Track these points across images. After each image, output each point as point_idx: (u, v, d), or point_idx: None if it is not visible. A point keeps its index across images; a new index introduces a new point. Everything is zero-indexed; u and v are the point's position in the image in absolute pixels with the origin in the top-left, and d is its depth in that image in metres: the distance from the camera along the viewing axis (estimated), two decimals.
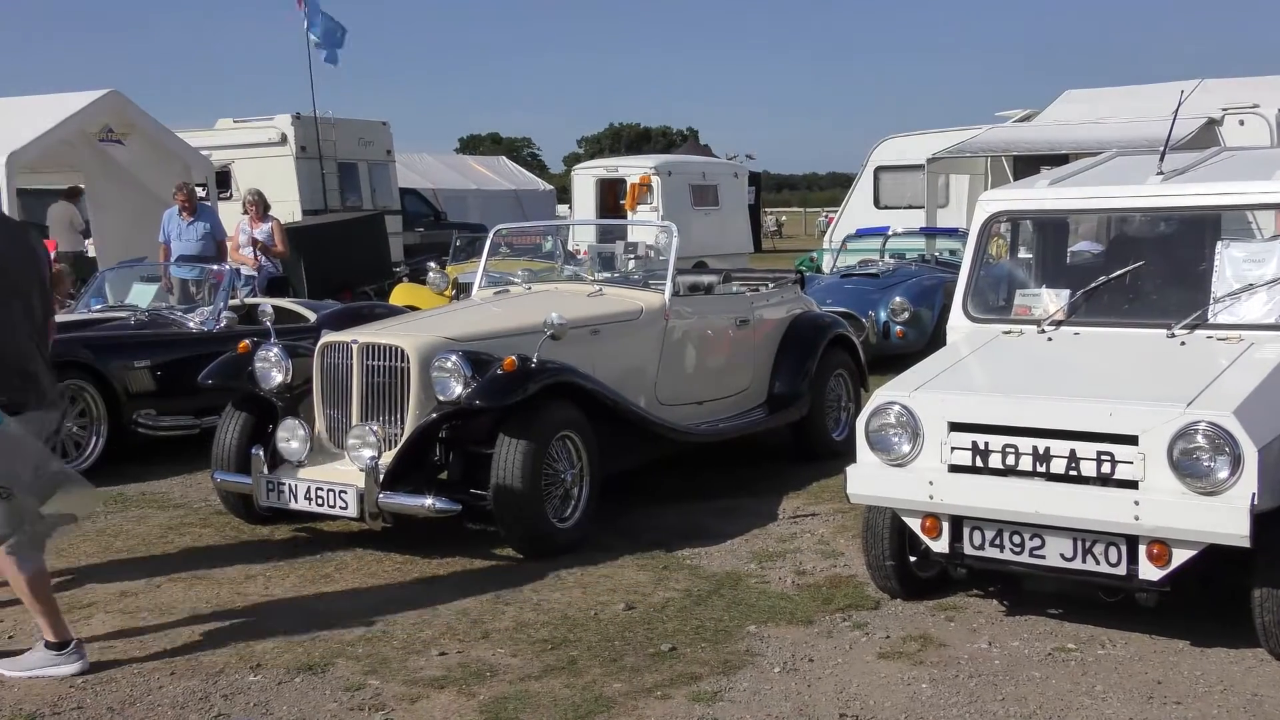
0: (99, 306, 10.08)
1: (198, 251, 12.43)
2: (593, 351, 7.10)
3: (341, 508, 6.26)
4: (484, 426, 6.44)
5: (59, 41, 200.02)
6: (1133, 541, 4.75)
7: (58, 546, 6.68)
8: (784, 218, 44.28)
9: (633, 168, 22.76)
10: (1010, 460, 4.95)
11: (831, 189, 67.62)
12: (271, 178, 18.54)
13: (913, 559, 5.55)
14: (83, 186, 16.59)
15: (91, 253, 16.40)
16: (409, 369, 6.44)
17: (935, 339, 10.91)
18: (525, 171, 38.12)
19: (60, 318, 9.86)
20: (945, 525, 5.13)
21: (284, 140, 20.67)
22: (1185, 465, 4.61)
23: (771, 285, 9.00)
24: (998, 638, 5.12)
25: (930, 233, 16.63)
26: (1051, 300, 5.95)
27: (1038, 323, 5.88)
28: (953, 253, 14.94)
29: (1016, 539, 4.99)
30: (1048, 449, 4.87)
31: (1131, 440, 4.72)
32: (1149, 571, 4.73)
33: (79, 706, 4.58)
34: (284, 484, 6.45)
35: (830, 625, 5.33)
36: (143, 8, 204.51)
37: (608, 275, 8.80)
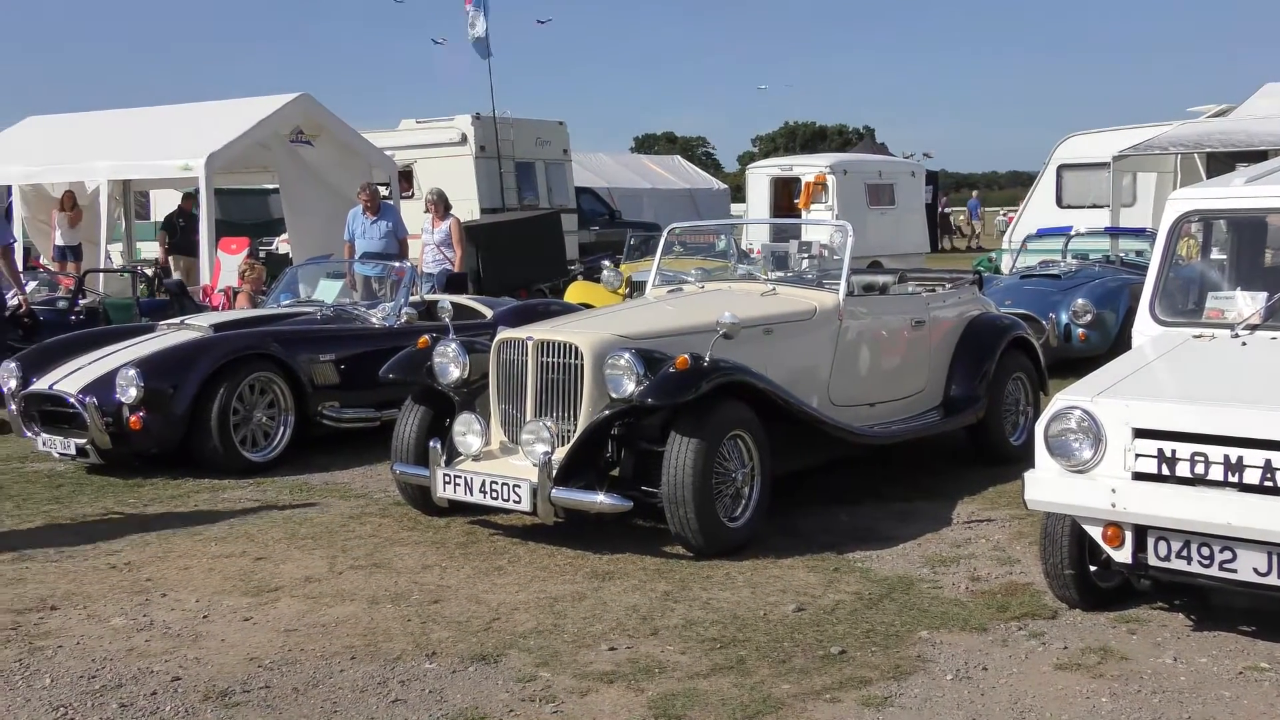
0: (288, 301, 10.45)
1: (380, 249, 12.81)
2: (765, 351, 7.05)
3: (515, 501, 6.34)
4: (656, 424, 6.46)
5: (254, 48, 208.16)
6: None
7: (248, 531, 6.99)
8: (960, 217, 43.06)
9: (808, 167, 22.60)
10: (1199, 469, 4.76)
11: (1012, 188, 65.93)
12: (451, 177, 19.00)
13: (1093, 568, 5.36)
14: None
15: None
16: (583, 366, 6.48)
17: (1119, 343, 10.62)
18: (700, 170, 38.27)
19: (252, 312, 10.37)
20: (1128, 534, 4.95)
21: (464, 140, 21.14)
22: None
23: (948, 286, 8.83)
24: (1184, 653, 4.93)
25: (1115, 233, 16.07)
26: (1247, 303, 5.70)
27: (1231, 327, 5.63)
28: (1139, 254, 14.43)
29: (1205, 551, 4.78)
30: (1240, 458, 4.67)
31: None
32: None
33: (266, 686, 4.73)
34: (460, 477, 6.56)
35: (1005, 634, 5.20)
36: (332, 12, 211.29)
37: (781, 274, 8.71)
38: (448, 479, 6.61)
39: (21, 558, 6.52)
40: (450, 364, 7.07)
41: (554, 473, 6.27)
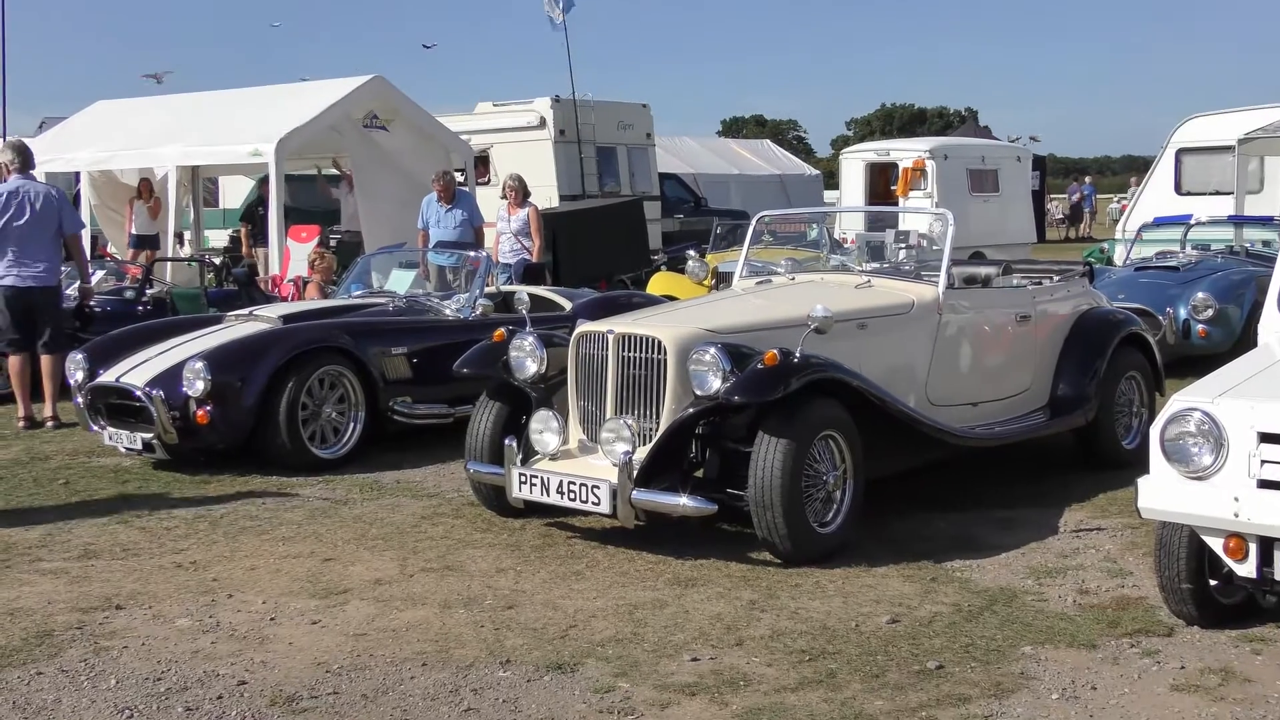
0: (359, 292, 10.29)
1: (455, 238, 12.73)
2: (859, 346, 6.86)
3: (594, 503, 6.21)
4: (743, 423, 6.29)
5: (326, 29, 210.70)
6: None
7: (317, 531, 6.87)
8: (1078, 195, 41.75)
9: (905, 151, 22.37)
10: None
11: (1125, 174, 64.53)
12: (529, 162, 18.86)
13: (1213, 582, 5.10)
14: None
15: None
16: (666, 361, 6.34)
17: (1243, 341, 10.25)
18: (790, 155, 38.02)
19: (322, 303, 10.25)
20: (1253, 547, 4.71)
21: (542, 124, 20.99)
22: None
23: (1056, 278, 8.56)
24: None
25: (1240, 221, 15.56)
26: None
27: None
28: (1266, 244, 13.99)
29: None
30: None
31: None
32: None
33: (334, 692, 4.66)
34: (537, 477, 6.43)
35: (1116, 651, 4.98)
36: None
37: (877, 265, 8.63)
38: (524, 479, 6.48)
39: (87, 555, 6.50)
40: (527, 358, 6.93)
41: (635, 473, 6.13)
